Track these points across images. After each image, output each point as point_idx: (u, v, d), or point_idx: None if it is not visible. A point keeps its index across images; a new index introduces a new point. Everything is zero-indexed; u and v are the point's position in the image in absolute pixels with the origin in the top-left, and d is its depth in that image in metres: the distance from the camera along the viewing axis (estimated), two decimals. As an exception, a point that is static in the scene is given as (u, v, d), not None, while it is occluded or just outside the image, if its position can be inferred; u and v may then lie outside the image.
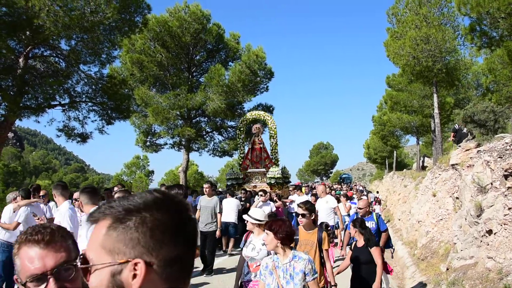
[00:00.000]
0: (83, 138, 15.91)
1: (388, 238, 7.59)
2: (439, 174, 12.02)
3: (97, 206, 1.04)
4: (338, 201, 12.82)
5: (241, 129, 19.64)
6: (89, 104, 15.65)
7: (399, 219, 17.07)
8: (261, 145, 18.91)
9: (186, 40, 20.80)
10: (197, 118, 23.76)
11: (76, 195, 6.26)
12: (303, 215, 5.11)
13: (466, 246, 6.91)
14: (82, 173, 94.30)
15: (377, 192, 33.65)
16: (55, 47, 14.24)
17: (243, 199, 13.46)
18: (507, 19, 13.09)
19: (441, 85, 19.67)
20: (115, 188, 9.38)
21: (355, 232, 5.76)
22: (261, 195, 11.25)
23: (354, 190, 29.92)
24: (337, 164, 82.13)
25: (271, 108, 24.25)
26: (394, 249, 9.09)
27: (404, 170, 38.06)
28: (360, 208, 7.57)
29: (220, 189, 20.79)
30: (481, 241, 6.37)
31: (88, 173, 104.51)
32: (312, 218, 5.22)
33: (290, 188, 18.46)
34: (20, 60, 12.90)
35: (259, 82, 22.23)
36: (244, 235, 5.48)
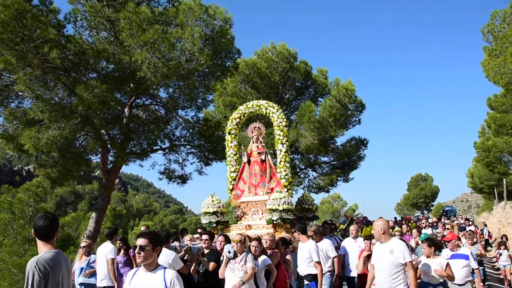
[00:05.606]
0: (183, 179, 16.63)
1: None
2: None
3: None
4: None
5: (232, 132, 11.68)
6: (188, 147, 16.44)
7: (519, 255, 15.36)
8: (263, 157, 11.07)
9: (275, 79, 21.19)
10: (291, 156, 23.73)
11: None
12: None
13: None
14: (181, 215, 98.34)
15: (485, 224, 25.70)
16: (155, 96, 15.33)
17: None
18: None
19: (554, 102, 17.96)
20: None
21: None
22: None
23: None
24: (438, 196, 77.03)
25: (365, 141, 23.57)
26: None
27: (518, 199, 34.69)
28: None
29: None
30: None
31: (186, 214, 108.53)
32: None
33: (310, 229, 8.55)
34: (125, 110, 14.03)
35: (350, 116, 21.81)
36: None
